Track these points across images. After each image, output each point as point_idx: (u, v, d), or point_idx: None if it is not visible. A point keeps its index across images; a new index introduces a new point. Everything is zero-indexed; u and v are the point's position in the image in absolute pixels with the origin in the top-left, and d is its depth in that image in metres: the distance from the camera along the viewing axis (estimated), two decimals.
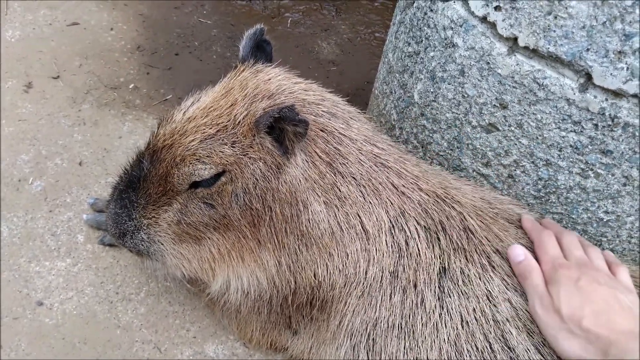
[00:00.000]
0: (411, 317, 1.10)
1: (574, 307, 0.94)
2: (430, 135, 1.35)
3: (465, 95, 1.21)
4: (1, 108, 1.93)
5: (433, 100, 1.29)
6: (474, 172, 1.30)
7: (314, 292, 1.20)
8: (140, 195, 1.17)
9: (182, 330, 1.50)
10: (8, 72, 2.06)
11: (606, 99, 1.02)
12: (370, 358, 1.15)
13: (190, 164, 1.09)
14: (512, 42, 1.09)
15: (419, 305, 1.09)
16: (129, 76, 2.15)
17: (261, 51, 1.23)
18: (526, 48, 1.06)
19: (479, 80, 1.17)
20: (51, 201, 1.71)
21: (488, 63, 1.13)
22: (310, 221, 1.13)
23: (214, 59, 2.27)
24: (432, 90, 1.29)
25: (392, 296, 1.12)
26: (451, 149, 1.32)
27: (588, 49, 0.99)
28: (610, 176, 1.11)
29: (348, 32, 2.52)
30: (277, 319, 1.31)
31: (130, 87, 2.11)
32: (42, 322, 1.47)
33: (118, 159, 1.84)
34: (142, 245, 1.22)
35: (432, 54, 1.25)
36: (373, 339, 1.14)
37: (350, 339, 1.18)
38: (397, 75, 1.42)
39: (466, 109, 1.23)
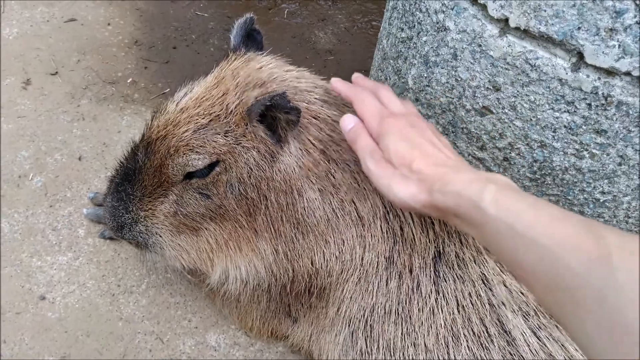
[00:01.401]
0: (407, 302, 1.10)
1: (403, 152, 0.91)
2: (425, 120, 1.35)
3: (459, 79, 1.20)
4: (0, 105, 1.95)
5: (427, 85, 1.29)
6: (470, 156, 1.30)
7: (312, 279, 1.20)
8: (136, 187, 1.18)
9: (184, 321, 1.51)
10: (6, 70, 2.06)
11: (599, 78, 1.01)
12: (368, 344, 1.15)
13: (184, 154, 1.09)
14: (504, 24, 1.08)
15: (415, 290, 1.09)
16: (127, 71, 2.15)
17: (252, 40, 1.23)
18: (517, 29, 1.06)
19: (471, 63, 1.16)
20: (51, 196, 1.72)
21: (480, 45, 1.13)
22: (306, 209, 1.13)
23: (211, 52, 2.28)
24: (425, 75, 1.28)
25: (389, 282, 1.12)
26: (446, 134, 1.32)
27: (579, 28, 0.98)
28: (605, 156, 1.10)
29: (345, 21, 2.51)
30: (277, 307, 1.31)
31: (129, 81, 2.11)
32: (45, 316, 1.48)
33: (117, 153, 1.83)
34: (141, 237, 1.23)
35: (424, 38, 1.25)
36: (371, 325, 1.14)
37: (349, 326, 1.18)
38: (391, 61, 1.42)
39: (460, 92, 1.22)
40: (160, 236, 1.22)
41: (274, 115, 1.04)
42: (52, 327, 1.47)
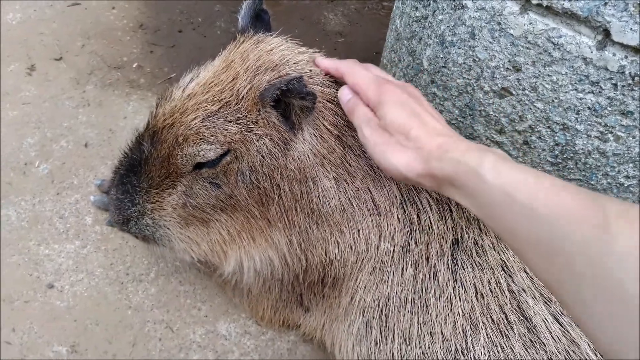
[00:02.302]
0: (424, 291, 1.07)
1: (401, 120, 0.88)
2: (441, 103, 1.30)
3: (477, 59, 1.16)
4: (4, 92, 1.91)
5: (443, 66, 1.24)
6: (488, 140, 1.25)
7: (326, 269, 1.17)
8: (142, 179, 1.12)
9: (194, 310, 1.49)
10: (10, 56, 2.03)
11: (626, 56, 0.96)
12: (383, 333, 1.12)
13: (194, 143, 1.03)
14: (525, 0, 1.03)
15: (432, 279, 1.06)
16: (132, 55, 2.11)
17: (260, 21, 1.16)
18: (539, 5, 1.01)
19: (490, 42, 1.11)
20: (58, 184, 1.70)
21: (499, 24, 1.08)
22: (321, 198, 1.09)
23: (218, 35, 2.23)
24: (441, 55, 1.23)
25: (404, 271, 1.08)
26: (463, 117, 1.27)
27: (606, 3, 0.93)
28: (630, 139, 1.06)
29: (355, 2, 2.45)
30: (289, 297, 1.28)
31: (134, 66, 2.07)
32: (54, 304, 1.46)
33: (124, 140, 1.81)
34: (148, 230, 1.18)
35: (440, 17, 1.20)
36: (386, 315, 1.11)
37: (363, 315, 1.15)
38: (405, 42, 1.37)
39: (477, 73, 1.17)
40: (168, 229, 1.16)
41: (288, 101, 0.99)
42: (61, 315, 1.45)
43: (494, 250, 1.04)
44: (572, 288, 0.61)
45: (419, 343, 1.07)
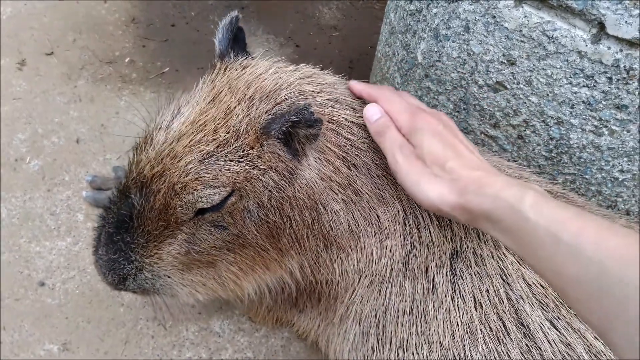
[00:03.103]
0: (423, 302, 1.05)
1: (438, 151, 0.88)
2: (436, 97, 1.29)
3: (471, 53, 1.14)
4: None
5: (437, 60, 1.23)
6: (482, 135, 1.24)
7: (329, 286, 1.15)
8: (136, 235, 1.00)
9: (187, 307, 1.47)
10: (1, 50, 2.00)
11: (620, 50, 0.95)
12: (380, 342, 1.11)
13: (195, 190, 0.93)
14: None
15: (431, 290, 1.04)
16: (125, 50, 2.09)
17: (236, 42, 1.07)
18: None
19: (484, 36, 1.10)
20: (49, 180, 1.68)
21: (494, 17, 1.06)
22: (331, 222, 1.05)
23: (211, 29, 2.20)
24: (435, 49, 1.22)
25: (403, 283, 1.07)
26: (457, 111, 1.26)
27: None
28: (625, 132, 1.05)
29: None
30: (284, 301, 1.26)
31: (126, 61, 2.05)
32: (45, 302, 1.45)
33: (116, 135, 1.80)
34: (147, 283, 1.06)
35: (435, 10, 1.18)
36: (383, 325, 1.10)
37: (359, 325, 1.14)
38: (399, 35, 1.36)
39: (472, 67, 1.16)
40: (169, 277, 1.06)
41: (294, 131, 0.92)
42: (52, 313, 1.43)
43: (493, 258, 1.02)
44: (625, 331, 0.59)
45: (417, 352, 1.06)
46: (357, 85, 1.07)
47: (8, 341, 1.37)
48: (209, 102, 0.97)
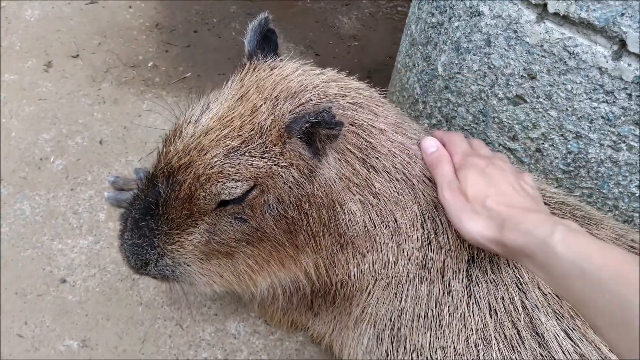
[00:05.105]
0: (438, 307, 1.07)
1: (479, 188, 0.95)
2: (455, 108, 1.31)
3: (491, 66, 1.16)
4: (21, 87, 1.94)
5: (457, 72, 1.25)
6: (500, 147, 1.26)
7: (344, 288, 1.17)
8: (161, 221, 1.05)
9: (204, 308, 1.50)
10: (28, 52, 2.06)
11: None
12: (394, 346, 1.12)
13: (218, 182, 0.97)
14: (542, 9, 1.04)
15: (446, 295, 1.06)
16: (148, 54, 2.13)
17: (267, 42, 1.11)
18: (556, 14, 1.01)
19: (505, 50, 1.12)
20: (72, 180, 1.72)
21: (516, 32, 1.08)
22: (347, 222, 1.07)
23: (232, 36, 2.25)
24: (456, 62, 1.24)
25: (419, 287, 1.08)
26: (476, 123, 1.28)
27: (623, 14, 0.93)
28: None
29: (370, 6, 2.46)
30: (299, 302, 1.28)
31: (149, 65, 2.10)
32: (66, 299, 1.48)
33: (138, 137, 1.84)
34: (168, 270, 1.11)
35: (456, 23, 1.21)
36: (398, 328, 1.11)
37: (374, 328, 1.15)
38: (420, 47, 1.38)
39: (492, 80, 1.18)
40: (189, 265, 1.11)
41: (315, 131, 0.96)
42: (72, 310, 1.47)
43: (509, 266, 1.03)
44: None
45: (431, 356, 1.07)
46: (436, 132, 1.15)
47: (29, 336, 1.41)
48: (237, 100, 1.02)
